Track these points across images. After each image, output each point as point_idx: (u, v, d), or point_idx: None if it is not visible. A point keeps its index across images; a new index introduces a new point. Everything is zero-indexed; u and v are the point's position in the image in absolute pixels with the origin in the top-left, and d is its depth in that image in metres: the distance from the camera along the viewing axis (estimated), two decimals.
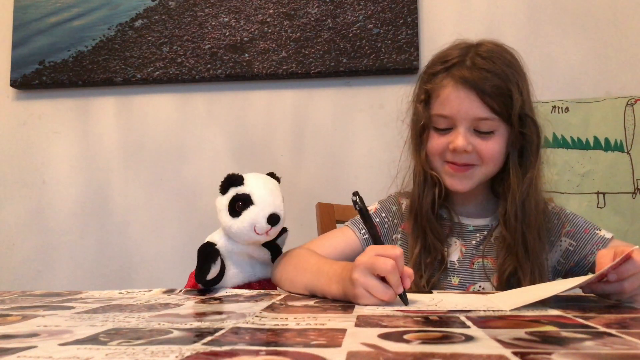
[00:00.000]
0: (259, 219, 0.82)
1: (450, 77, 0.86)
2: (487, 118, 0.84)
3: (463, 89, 0.84)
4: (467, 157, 0.86)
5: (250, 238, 0.84)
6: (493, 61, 0.84)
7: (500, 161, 0.88)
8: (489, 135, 0.85)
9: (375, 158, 1.56)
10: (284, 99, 1.63)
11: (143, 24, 1.66)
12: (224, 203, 0.85)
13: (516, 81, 0.84)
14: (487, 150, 0.85)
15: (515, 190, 0.86)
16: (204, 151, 1.64)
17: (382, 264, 0.62)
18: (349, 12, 1.58)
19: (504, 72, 0.84)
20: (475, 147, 0.85)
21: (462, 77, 0.84)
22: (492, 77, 0.83)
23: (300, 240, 0.97)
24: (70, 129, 1.70)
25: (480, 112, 0.83)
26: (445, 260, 0.91)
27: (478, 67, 0.84)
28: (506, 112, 0.84)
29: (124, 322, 0.53)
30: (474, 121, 0.84)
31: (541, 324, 0.50)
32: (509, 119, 0.84)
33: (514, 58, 0.88)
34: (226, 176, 0.86)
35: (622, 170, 1.47)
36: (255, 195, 0.83)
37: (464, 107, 0.84)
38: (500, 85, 0.83)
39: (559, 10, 1.54)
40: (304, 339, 0.43)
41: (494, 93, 0.82)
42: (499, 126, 0.85)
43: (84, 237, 1.66)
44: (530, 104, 0.88)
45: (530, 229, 0.86)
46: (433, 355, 0.37)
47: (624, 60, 1.50)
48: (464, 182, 0.88)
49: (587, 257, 0.88)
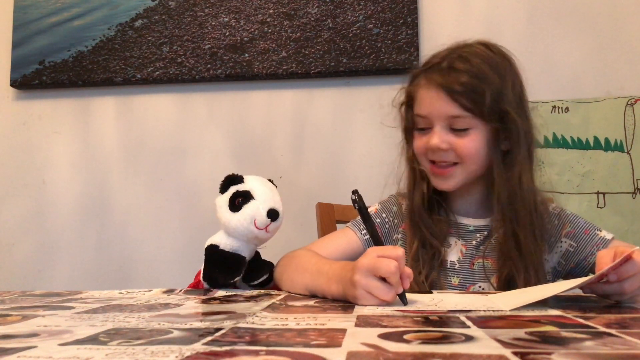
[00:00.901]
0: (259, 212, 0.83)
1: (424, 79, 0.89)
2: (459, 115, 0.85)
3: (434, 89, 0.86)
4: (444, 155, 0.87)
5: (251, 232, 0.84)
6: (469, 60, 0.86)
7: (481, 159, 0.88)
8: (465, 133, 0.86)
9: (375, 158, 1.56)
10: (284, 99, 1.63)
11: (143, 24, 1.66)
12: (224, 199, 0.86)
13: (494, 77, 0.85)
14: (463, 147, 0.86)
15: (499, 188, 0.87)
16: (204, 151, 1.64)
17: (385, 266, 0.62)
18: (349, 12, 1.58)
19: (480, 70, 0.85)
20: (451, 145, 0.86)
21: (434, 79, 0.87)
22: (463, 76, 0.84)
23: (300, 240, 0.97)
24: (70, 129, 1.70)
25: (451, 110, 0.85)
26: (442, 256, 0.91)
27: (452, 67, 0.86)
28: (478, 108, 0.85)
29: (124, 322, 0.53)
30: (448, 119, 0.86)
31: (541, 324, 0.50)
32: (483, 115, 0.85)
33: (499, 56, 0.89)
34: (226, 176, 0.88)
35: (622, 170, 1.47)
36: (256, 191, 0.85)
37: (436, 106, 0.86)
38: (471, 83, 0.84)
39: (559, 10, 1.54)
40: (304, 339, 0.43)
41: (464, 90, 0.84)
42: (475, 123, 0.86)
43: (83, 237, 1.66)
44: (513, 100, 0.87)
45: (521, 227, 0.86)
46: (433, 355, 0.37)
47: (624, 60, 1.50)
48: (448, 181, 0.90)
49: (587, 258, 0.88)
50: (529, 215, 0.86)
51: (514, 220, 0.86)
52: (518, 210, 0.86)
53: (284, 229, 1.46)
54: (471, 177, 0.90)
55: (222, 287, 0.84)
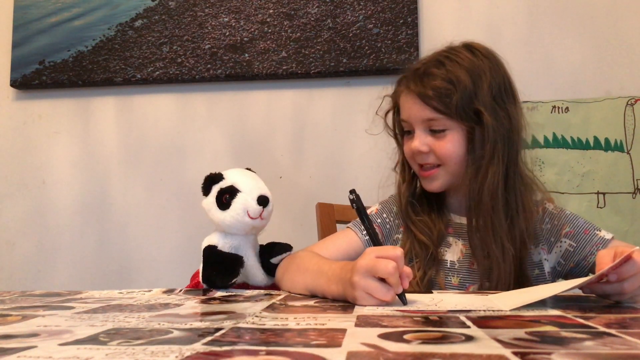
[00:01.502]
0: (249, 203, 0.85)
1: (403, 86, 0.93)
2: (434, 118, 0.88)
3: (410, 95, 0.91)
4: (426, 158, 0.90)
5: (246, 225, 0.85)
6: (444, 65, 0.89)
7: (461, 159, 0.89)
8: (443, 134, 0.89)
9: (375, 158, 1.56)
10: (284, 99, 1.63)
11: (143, 24, 1.66)
12: (211, 201, 0.87)
13: (467, 80, 0.86)
14: (442, 149, 0.89)
15: (465, 184, 0.89)
16: (204, 151, 1.64)
17: (384, 267, 0.62)
18: (349, 12, 1.58)
19: (453, 73, 0.87)
20: (430, 147, 0.89)
21: (408, 85, 0.91)
22: (436, 80, 0.87)
23: (300, 240, 0.97)
24: (70, 129, 1.70)
25: (425, 113, 0.89)
26: (438, 255, 0.91)
27: (426, 73, 0.89)
28: (450, 110, 0.87)
29: (124, 322, 0.53)
30: (425, 122, 0.90)
31: (541, 324, 0.50)
32: (458, 116, 0.87)
33: (478, 58, 0.90)
34: (205, 177, 0.90)
35: (622, 170, 1.47)
36: (239, 184, 0.87)
37: (413, 111, 0.90)
38: (441, 86, 0.87)
39: (559, 10, 1.54)
40: (304, 339, 0.43)
41: (435, 94, 0.87)
42: (450, 124, 0.88)
43: (84, 237, 1.66)
44: (491, 99, 0.87)
45: (481, 226, 0.87)
46: (433, 355, 0.37)
47: (624, 60, 1.50)
48: (433, 182, 0.92)
49: (587, 258, 0.88)
50: (490, 215, 0.87)
51: (479, 218, 0.88)
52: (481, 210, 0.87)
53: (284, 229, 1.47)
54: (456, 177, 0.91)
55: (220, 288, 0.84)
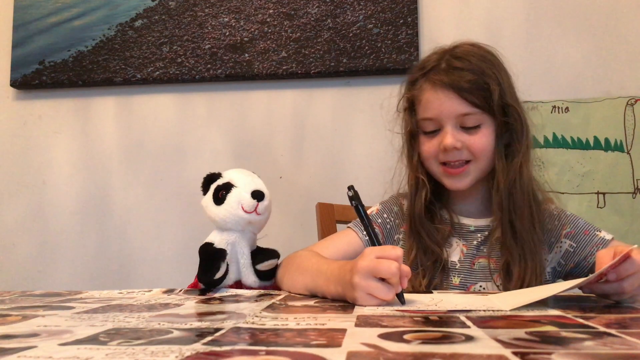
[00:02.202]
0: (243, 196, 0.85)
1: (428, 82, 0.90)
2: (470, 113, 0.87)
3: (441, 90, 0.87)
4: (458, 154, 0.88)
5: (242, 218, 0.86)
6: (467, 59, 0.88)
7: (492, 154, 0.90)
8: (476, 130, 0.88)
9: (375, 158, 1.56)
10: (284, 99, 1.63)
11: (143, 24, 1.66)
12: (209, 197, 0.89)
13: (493, 73, 0.87)
14: (476, 144, 0.88)
15: (500, 179, 0.88)
16: (204, 151, 1.64)
17: (387, 268, 0.62)
18: (349, 12, 1.58)
19: (479, 67, 0.87)
20: (464, 143, 0.87)
21: (439, 80, 0.88)
22: (467, 74, 0.86)
23: (300, 240, 0.97)
24: (70, 129, 1.70)
25: (461, 108, 0.87)
26: (444, 262, 0.91)
27: (453, 67, 0.88)
28: (487, 104, 0.87)
29: (124, 322, 0.53)
30: (458, 118, 0.87)
31: (541, 324, 0.50)
32: (491, 110, 0.87)
33: (489, 53, 0.91)
34: (204, 177, 0.91)
35: (622, 170, 1.47)
36: (235, 180, 0.88)
37: (445, 106, 0.87)
38: (476, 80, 0.86)
39: (559, 10, 1.54)
40: (304, 339, 0.43)
41: (471, 88, 0.86)
42: (484, 119, 0.88)
43: (84, 237, 1.66)
44: (511, 94, 0.90)
45: (518, 218, 0.87)
46: (433, 355, 0.37)
47: (624, 60, 1.50)
48: (462, 180, 0.90)
49: (587, 259, 0.88)
50: (527, 205, 0.88)
51: (512, 210, 0.88)
52: (516, 200, 0.87)
53: (284, 229, 1.47)
54: (482, 173, 0.91)
55: (209, 286, 0.82)
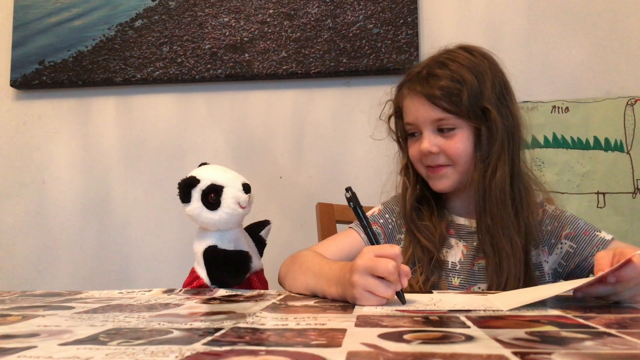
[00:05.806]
0: (237, 194, 0.86)
1: (407, 89, 0.94)
2: (443, 118, 0.89)
3: (416, 97, 0.91)
4: (436, 159, 0.91)
5: (239, 215, 0.88)
6: (447, 65, 0.90)
7: (470, 158, 0.90)
8: (452, 133, 0.89)
9: (375, 158, 1.56)
10: (284, 99, 1.63)
11: (143, 24, 1.66)
12: (198, 205, 0.86)
13: (473, 79, 0.88)
14: (452, 148, 0.89)
15: (474, 185, 0.89)
16: (204, 151, 1.64)
17: (384, 266, 0.62)
18: (349, 12, 1.57)
19: (458, 72, 0.88)
20: (441, 148, 0.90)
21: (413, 88, 0.92)
22: (442, 80, 0.88)
23: (300, 240, 0.97)
24: (70, 129, 1.70)
25: (434, 114, 0.89)
26: (442, 261, 0.91)
27: (431, 74, 0.90)
28: (459, 108, 0.88)
29: (124, 322, 0.53)
30: (434, 123, 0.90)
31: (541, 324, 0.50)
32: (465, 115, 0.88)
33: (478, 58, 0.92)
34: (179, 185, 0.88)
35: (622, 170, 1.47)
36: (218, 180, 0.87)
37: (420, 113, 0.91)
38: (448, 86, 0.88)
39: (559, 10, 1.54)
40: (304, 339, 0.43)
41: (443, 94, 0.88)
42: (459, 123, 0.89)
43: (84, 237, 1.66)
44: (496, 98, 0.89)
45: (492, 222, 0.87)
46: (433, 355, 0.37)
47: (624, 60, 1.50)
48: (442, 181, 0.92)
49: (587, 259, 0.88)
50: (502, 209, 0.87)
51: (486, 214, 0.88)
52: (490, 206, 0.88)
53: (284, 228, 1.47)
54: (464, 177, 0.92)
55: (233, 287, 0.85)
